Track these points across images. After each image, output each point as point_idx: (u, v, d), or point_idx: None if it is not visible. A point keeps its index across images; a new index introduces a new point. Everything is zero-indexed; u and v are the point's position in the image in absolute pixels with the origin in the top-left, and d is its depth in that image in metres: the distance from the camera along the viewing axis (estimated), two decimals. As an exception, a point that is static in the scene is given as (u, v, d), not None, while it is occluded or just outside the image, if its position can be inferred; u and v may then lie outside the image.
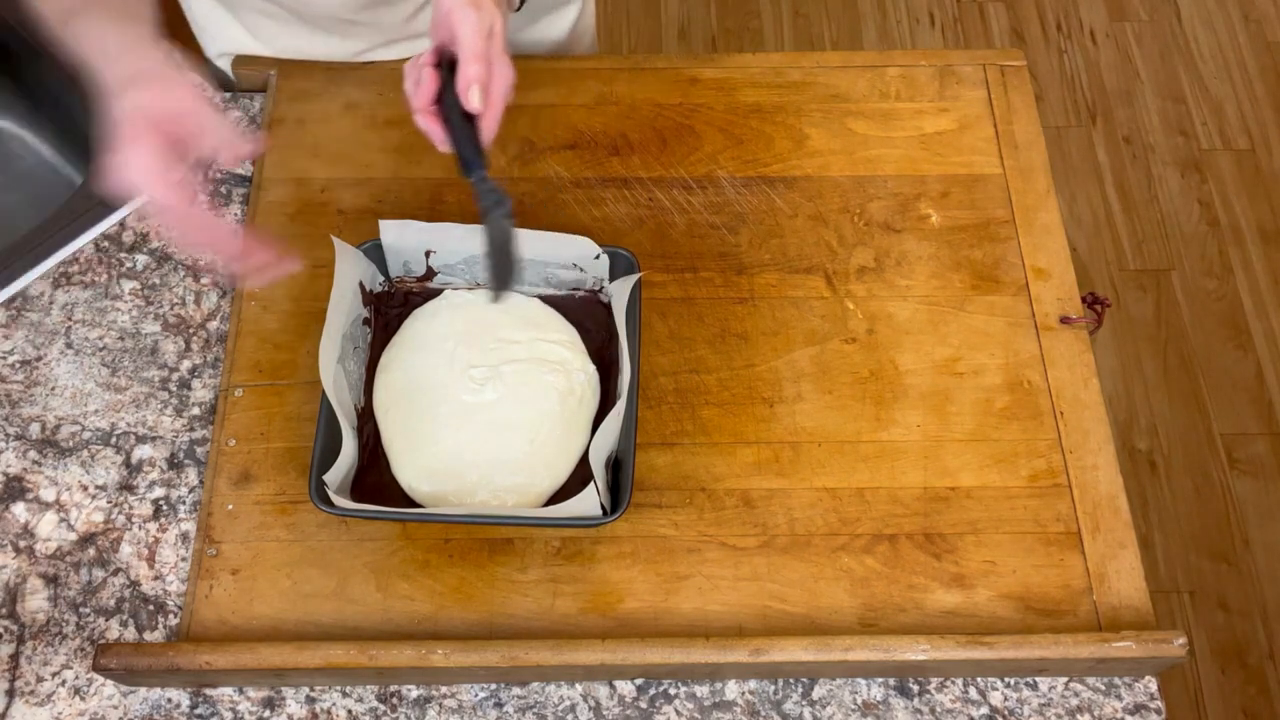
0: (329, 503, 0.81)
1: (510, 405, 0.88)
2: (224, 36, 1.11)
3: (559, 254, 0.93)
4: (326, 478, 0.82)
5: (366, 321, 0.93)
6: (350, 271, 0.90)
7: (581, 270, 0.94)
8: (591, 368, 0.91)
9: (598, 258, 0.92)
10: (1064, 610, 0.85)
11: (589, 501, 0.81)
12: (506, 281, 0.83)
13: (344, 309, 0.88)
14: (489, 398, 0.88)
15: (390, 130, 1.07)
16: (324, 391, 0.84)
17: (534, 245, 0.92)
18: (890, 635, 0.81)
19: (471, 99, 0.78)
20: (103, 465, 0.91)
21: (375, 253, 0.93)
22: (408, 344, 0.92)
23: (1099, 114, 2.26)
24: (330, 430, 0.84)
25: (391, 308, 0.95)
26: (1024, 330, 0.97)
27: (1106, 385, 1.95)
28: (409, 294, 0.96)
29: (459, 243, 0.92)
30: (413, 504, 0.87)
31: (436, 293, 0.95)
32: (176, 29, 2.43)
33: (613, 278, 0.94)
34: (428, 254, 0.93)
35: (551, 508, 0.82)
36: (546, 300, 0.95)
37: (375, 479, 0.88)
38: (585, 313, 0.95)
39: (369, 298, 0.93)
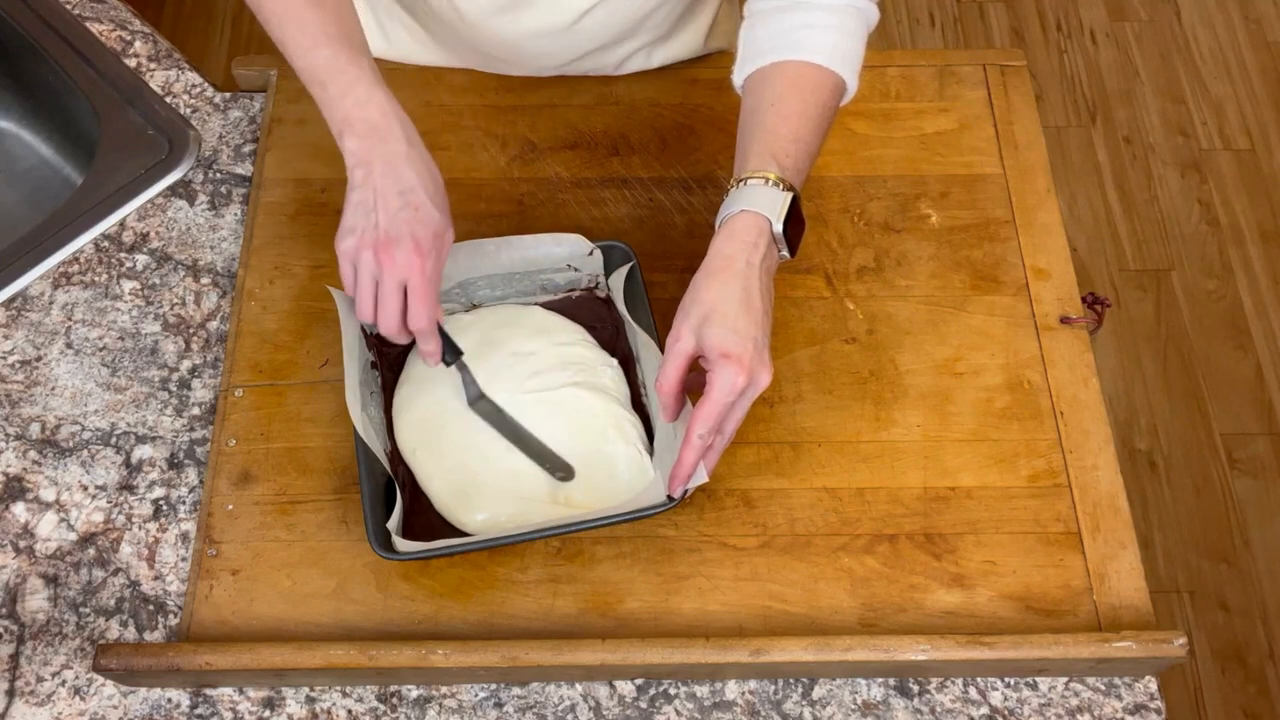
0: (392, 549, 0.80)
1: (546, 417, 0.88)
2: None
3: (552, 257, 0.92)
4: (389, 525, 0.81)
5: (374, 365, 0.92)
6: (351, 318, 0.88)
7: (576, 270, 0.94)
8: (614, 361, 0.91)
9: (591, 254, 0.92)
10: (1064, 610, 0.85)
11: (655, 492, 0.82)
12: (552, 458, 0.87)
13: (354, 357, 0.87)
14: (524, 415, 0.88)
15: (390, 130, 1.07)
16: (358, 440, 0.84)
17: (526, 253, 0.91)
18: (890, 635, 0.81)
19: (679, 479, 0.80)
20: (103, 465, 0.91)
21: None
22: (419, 380, 0.90)
23: (1099, 114, 2.26)
24: (371, 476, 0.84)
25: (393, 347, 0.94)
26: (1024, 330, 0.97)
27: (1106, 385, 1.94)
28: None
29: (450, 267, 0.91)
30: (461, 535, 0.86)
31: None
32: (177, 25, 2.42)
33: (609, 271, 0.94)
34: None
35: (620, 505, 0.82)
36: (545, 306, 0.95)
37: (422, 520, 0.87)
38: (587, 311, 0.95)
39: (371, 341, 0.92)
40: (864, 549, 0.87)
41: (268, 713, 0.83)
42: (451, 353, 0.86)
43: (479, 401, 0.88)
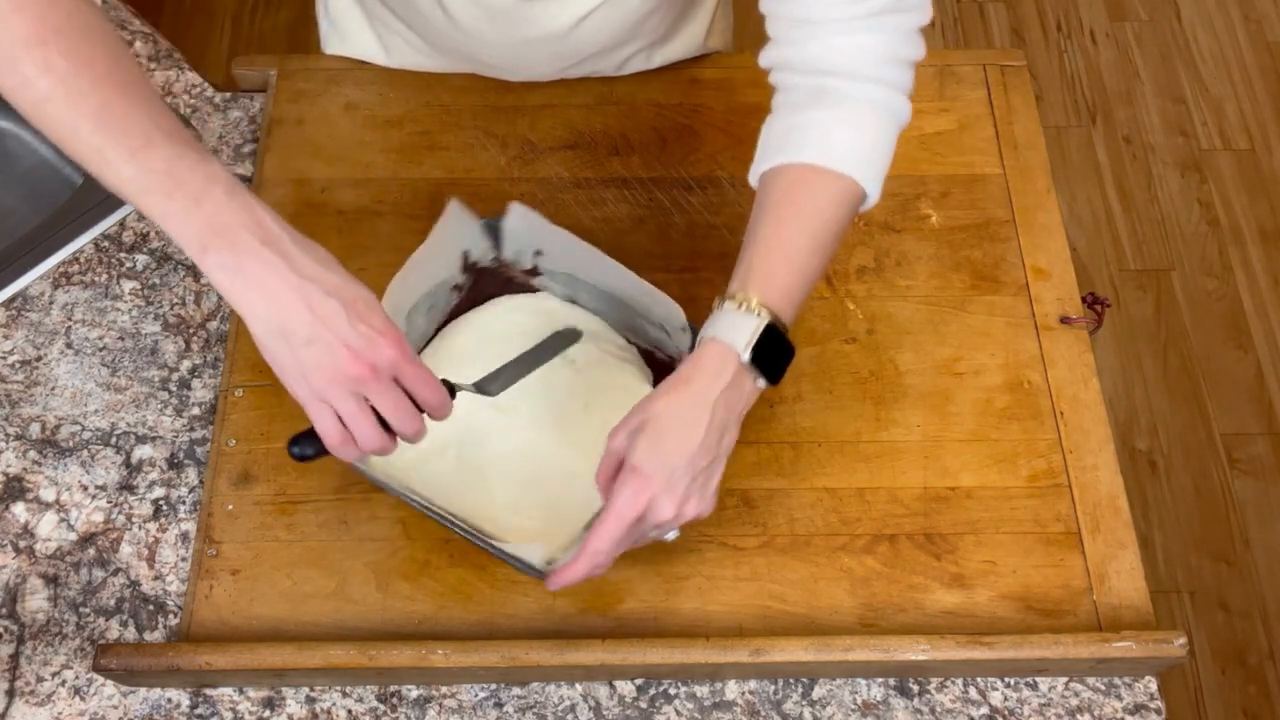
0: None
1: (600, 404, 0.87)
2: (353, 40, 1.11)
3: (649, 308, 0.88)
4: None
5: (457, 288, 0.92)
6: (457, 238, 0.88)
7: (667, 334, 0.89)
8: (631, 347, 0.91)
9: (683, 330, 0.86)
10: (1064, 610, 0.85)
11: None
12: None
13: (434, 269, 0.86)
14: (576, 400, 0.87)
15: (390, 130, 1.07)
16: None
17: (628, 285, 0.87)
18: (890, 635, 0.81)
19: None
20: (103, 465, 0.91)
21: (490, 230, 0.90)
22: (456, 350, 0.90)
23: (1099, 114, 2.26)
24: None
25: (492, 284, 0.93)
26: (1024, 330, 0.97)
27: (1106, 385, 1.94)
28: (509, 279, 0.94)
29: (562, 251, 0.89)
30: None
31: (532, 289, 0.94)
32: (177, 25, 2.41)
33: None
34: (536, 253, 0.92)
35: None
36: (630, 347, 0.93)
37: None
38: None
39: (471, 268, 0.92)
40: (864, 549, 0.87)
41: (268, 713, 0.83)
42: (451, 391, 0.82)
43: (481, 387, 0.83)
